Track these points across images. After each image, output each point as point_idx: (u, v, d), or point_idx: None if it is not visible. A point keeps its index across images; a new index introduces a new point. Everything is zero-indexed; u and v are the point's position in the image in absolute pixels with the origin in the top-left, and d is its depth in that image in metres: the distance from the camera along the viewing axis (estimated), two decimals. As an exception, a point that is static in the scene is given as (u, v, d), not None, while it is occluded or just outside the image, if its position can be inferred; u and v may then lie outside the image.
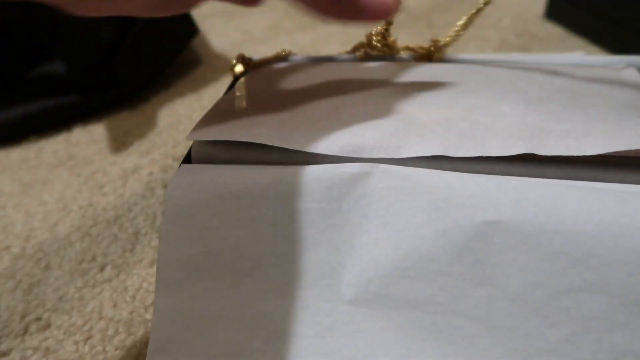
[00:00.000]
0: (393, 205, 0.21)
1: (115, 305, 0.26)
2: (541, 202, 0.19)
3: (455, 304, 0.19)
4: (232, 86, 0.31)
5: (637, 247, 0.18)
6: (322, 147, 0.23)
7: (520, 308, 0.19)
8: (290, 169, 0.22)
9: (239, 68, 0.32)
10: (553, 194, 0.20)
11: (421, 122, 0.24)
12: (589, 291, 0.18)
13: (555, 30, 0.51)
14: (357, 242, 0.21)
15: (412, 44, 0.32)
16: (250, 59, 0.33)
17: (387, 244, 0.20)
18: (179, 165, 0.23)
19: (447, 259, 0.20)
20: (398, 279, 0.20)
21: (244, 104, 0.27)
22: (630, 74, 0.28)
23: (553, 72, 0.28)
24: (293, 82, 0.29)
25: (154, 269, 0.28)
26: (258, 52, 0.34)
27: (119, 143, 0.39)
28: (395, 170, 0.21)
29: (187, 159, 0.25)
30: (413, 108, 0.25)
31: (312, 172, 0.21)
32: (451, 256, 0.19)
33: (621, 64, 0.30)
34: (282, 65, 0.32)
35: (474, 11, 0.28)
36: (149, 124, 0.41)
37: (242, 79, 0.31)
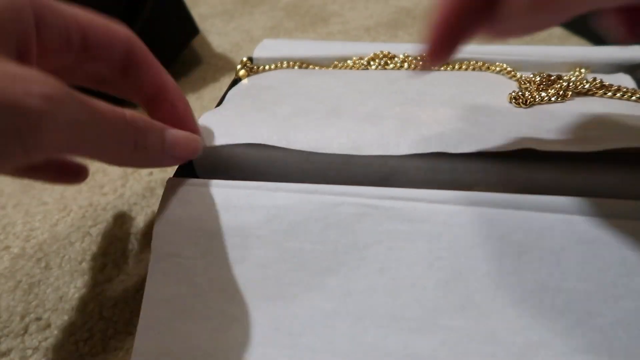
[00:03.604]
0: (392, 250, 0.20)
1: (115, 305, 0.26)
2: (544, 257, 0.19)
3: None
4: (231, 87, 0.31)
5: (636, 309, 0.18)
6: (321, 145, 0.22)
7: None
8: (283, 204, 0.21)
9: (242, 72, 0.32)
10: (556, 249, 0.19)
11: (420, 121, 0.24)
12: (594, 353, 0.17)
13: (555, 30, 0.51)
14: (352, 288, 0.19)
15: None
16: (251, 59, 0.33)
17: (386, 291, 0.19)
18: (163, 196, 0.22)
19: (450, 311, 0.18)
20: (396, 330, 0.19)
21: (244, 105, 0.27)
22: (623, 79, 0.28)
23: None
24: (293, 84, 0.29)
25: (154, 269, 0.28)
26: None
27: (119, 143, 0.39)
28: (394, 213, 0.20)
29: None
30: (412, 107, 0.25)
31: (307, 211, 0.21)
32: (454, 309, 0.18)
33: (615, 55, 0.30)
34: (283, 69, 0.32)
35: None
36: (149, 124, 0.41)
37: (244, 81, 0.31)
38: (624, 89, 0.26)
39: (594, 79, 0.27)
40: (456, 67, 0.31)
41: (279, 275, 0.20)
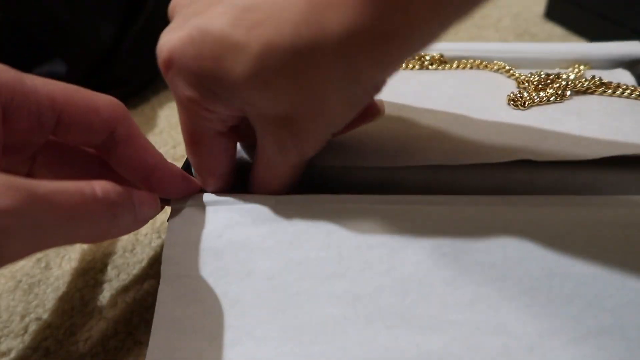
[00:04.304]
0: (396, 251, 0.20)
1: (115, 305, 0.26)
2: (548, 245, 0.19)
3: (470, 356, 0.18)
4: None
5: None
6: (318, 158, 0.22)
7: (539, 359, 0.17)
8: (285, 216, 0.21)
9: None
10: (560, 234, 0.19)
11: (418, 131, 0.24)
12: (606, 335, 0.17)
13: (555, 30, 0.51)
14: (360, 291, 0.20)
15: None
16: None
17: (393, 292, 0.19)
18: (168, 219, 0.22)
19: (459, 307, 0.19)
20: (407, 330, 0.19)
21: None
22: (622, 75, 0.28)
23: None
24: None
25: (154, 269, 0.27)
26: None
27: (119, 143, 0.39)
28: (396, 214, 0.20)
29: (187, 162, 0.25)
30: (410, 113, 0.25)
31: (308, 219, 0.21)
32: (463, 304, 0.19)
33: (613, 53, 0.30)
34: None
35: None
36: (149, 124, 0.41)
37: None
38: (624, 86, 0.26)
39: (593, 77, 0.27)
40: (454, 66, 0.31)
41: (287, 286, 0.20)
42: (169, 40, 0.18)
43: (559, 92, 0.26)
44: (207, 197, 0.22)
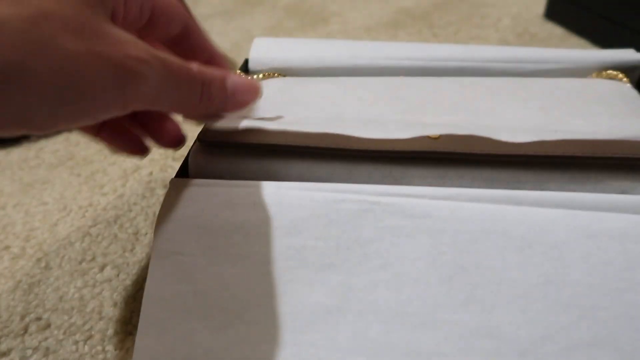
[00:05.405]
0: (395, 246, 0.20)
1: (115, 305, 0.26)
2: (548, 251, 0.19)
3: (460, 357, 0.18)
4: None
5: None
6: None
7: None
8: (286, 202, 0.21)
9: None
10: (559, 243, 0.19)
11: (425, 123, 0.24)
12: (599, 346, 0.17)
13: (555, 30, 0.51)
14: (355, 284, 0.19)
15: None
16: (247, 68, 0.33)
17: (388, 287, 0.19)
18: (168, 189, 0.22)
19: (453, 306, 0.18)
20: (399, 325, 0.19)
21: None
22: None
23: (552, 84, 0.28)
24: (289, 93, 0.28)
25: (153, 269, 0.28)
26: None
27: (119, 143, 0.39)
28: (396, 209, 0.20)
29: (185, 163, 0.25)
30: (415, 114, 0.25)
31: (308, 207, 0.21)
32: (457, 304, 0.18)
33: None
34: (276, 78, 0.32)
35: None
36: (149, 124, 0.41)
37: None
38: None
39: None
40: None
41: (281, 272, 0.20)
42: None
43: None
44: (210, 180, 0.22)
